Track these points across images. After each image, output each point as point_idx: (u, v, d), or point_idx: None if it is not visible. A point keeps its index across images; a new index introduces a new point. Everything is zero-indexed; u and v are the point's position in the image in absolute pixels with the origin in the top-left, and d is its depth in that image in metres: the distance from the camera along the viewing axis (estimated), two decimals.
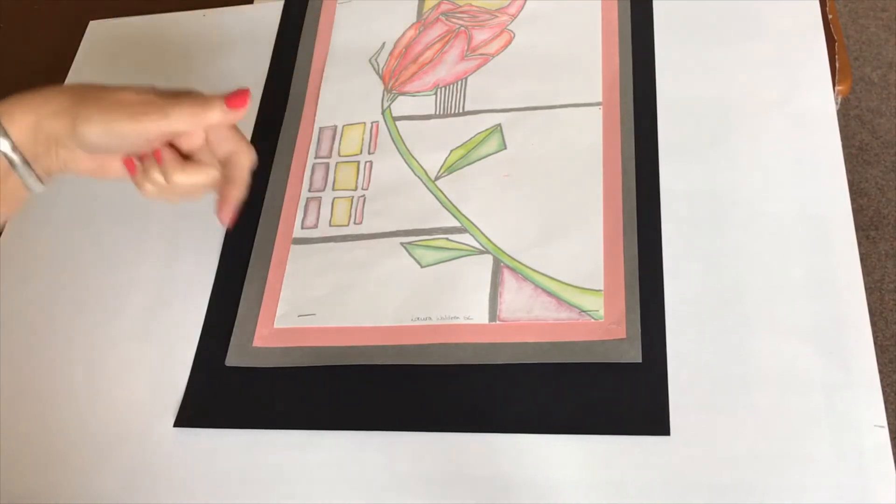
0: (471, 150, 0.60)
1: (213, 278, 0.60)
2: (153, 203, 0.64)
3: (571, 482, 0.47)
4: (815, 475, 0.45)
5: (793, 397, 0.47)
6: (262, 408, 0.54)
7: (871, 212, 1.37)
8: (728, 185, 0.54)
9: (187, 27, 0.74)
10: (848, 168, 0.63)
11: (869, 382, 0.47)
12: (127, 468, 0.54)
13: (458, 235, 0.57)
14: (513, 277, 0.54)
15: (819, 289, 0.50)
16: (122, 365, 0.58)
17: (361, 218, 0.59)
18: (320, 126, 0.64)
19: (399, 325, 0.54)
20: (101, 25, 0.77)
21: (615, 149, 0.57)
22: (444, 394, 0.52)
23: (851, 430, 0.46)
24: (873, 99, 1.47)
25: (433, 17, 0.68)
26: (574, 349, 0.51)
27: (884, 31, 1.54)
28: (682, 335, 0.50)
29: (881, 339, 1.27)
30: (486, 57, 0.64)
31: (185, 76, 0.71)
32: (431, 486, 0.49)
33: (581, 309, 0.52)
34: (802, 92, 0.56)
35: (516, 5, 0.67)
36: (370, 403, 0.53)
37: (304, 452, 0.52)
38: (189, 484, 0.52)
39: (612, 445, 0.48)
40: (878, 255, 1.34)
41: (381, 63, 0.66)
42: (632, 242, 0.53)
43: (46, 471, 0.55)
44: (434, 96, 0.63)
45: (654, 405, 0.48)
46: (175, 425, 0.54)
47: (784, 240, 0.52)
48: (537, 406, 0.50)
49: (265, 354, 0.55)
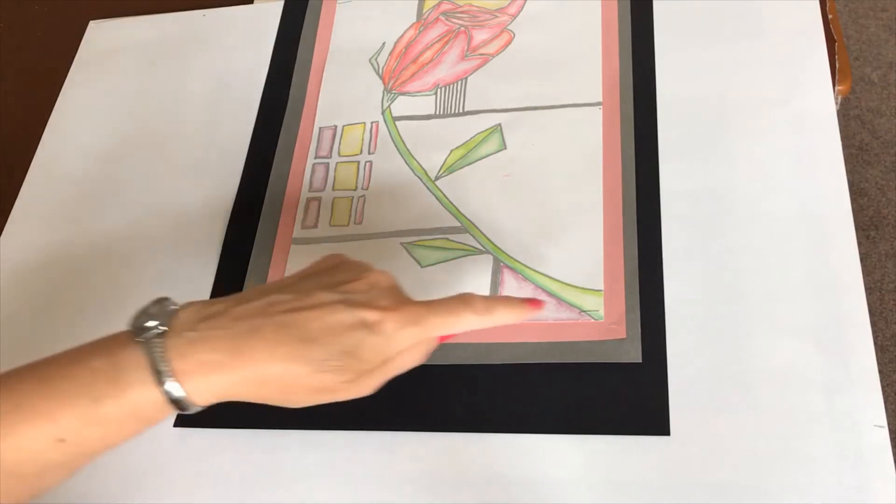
0: (471, 150, 0.60)
1: (213, 278, 0.60)
2: (153, 203, 0.64)
3: (571, 482, 0.47)
4: (815, 475, 0.45)
5: (793, 397, 0.47)
6: (261, 408, 0.54)
7: (871, 212, 1.37)
8: (728, 185, 0.54)
9: (187, 27, 0.74)
10: (848, 168, 0.63)
11: (869, 382, 0.47)
12: (127, 468, 0.54)
13: (458, 235, 0.57)
14: (513, 277, 0.54)
15: (819, 289, 0.50)
16: None
17: (361, 218, 0.59)
18: (320, 126, 0.64)
19: None
20: (101, 25, 0.77)
21: (615, 149, 0.57)
22: (444, 394, 0.52)
23: (851, 430, 0.46)
24: (873, 99, 1.47)
25: (433, 17, 0.68)
26: (574, 349, 0.51)
27: (884, 31, 1.54)
28: (682, 335, 0.50)
29: (881, 339, 1.27)
30: (486, 57, 0.64)
31: (185, 76, 0.71)
32: (431, 486, 0.49)
33: (581, 309, 0.52)
34: (802, 92, 0.56)
35: (516, 5, 0.67)
36: (370, 403, 0.52)
37: (303, 452, 0.52)
38: (189, 484, 0.52)
39: (612, 445, 0.48)
40: (878, 255, 1.34)
41: (381, 63, 0.66)
42: (632, 242, 0.54)
43: None
44: (434, 96, 0.63)
45: (654, 405, 0.48)
46: (175, 425, 0.54)
47: (784, 240, 0.52)
48: (537, 406, 0.50)
49: None
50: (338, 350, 0.41)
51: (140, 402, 0.40)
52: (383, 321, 0.42)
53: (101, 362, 0.41)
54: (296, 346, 0.41)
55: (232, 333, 0.41)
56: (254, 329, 0.41)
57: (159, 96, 0.70)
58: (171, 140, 0.67)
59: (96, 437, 0.41)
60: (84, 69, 0.74)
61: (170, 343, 0.40)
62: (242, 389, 0.41)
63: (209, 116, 0.68)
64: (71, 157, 0.69)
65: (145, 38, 0.74)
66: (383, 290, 0.44)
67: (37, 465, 0.41)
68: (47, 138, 0.71)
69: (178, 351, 0.40)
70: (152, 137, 0.68)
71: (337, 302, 0.42)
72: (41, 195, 0.68)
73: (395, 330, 0.42)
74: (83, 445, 0.41)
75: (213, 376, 0.40)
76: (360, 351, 0.42)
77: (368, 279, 0.44)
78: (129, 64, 0.73)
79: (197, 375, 0.40)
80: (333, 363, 0.41)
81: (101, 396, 0.40)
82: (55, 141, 0.70)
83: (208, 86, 0.70)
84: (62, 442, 0.40)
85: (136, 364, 0.40)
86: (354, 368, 0.42)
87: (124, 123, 0.70)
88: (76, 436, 0.40)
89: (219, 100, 0.68)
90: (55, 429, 0.40)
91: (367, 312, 0.42)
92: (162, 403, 0.40)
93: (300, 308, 0.42)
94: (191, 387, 0.40)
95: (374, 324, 0.42)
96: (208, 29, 0.73)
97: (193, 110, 0.68)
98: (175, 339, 0.41)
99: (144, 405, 0.40)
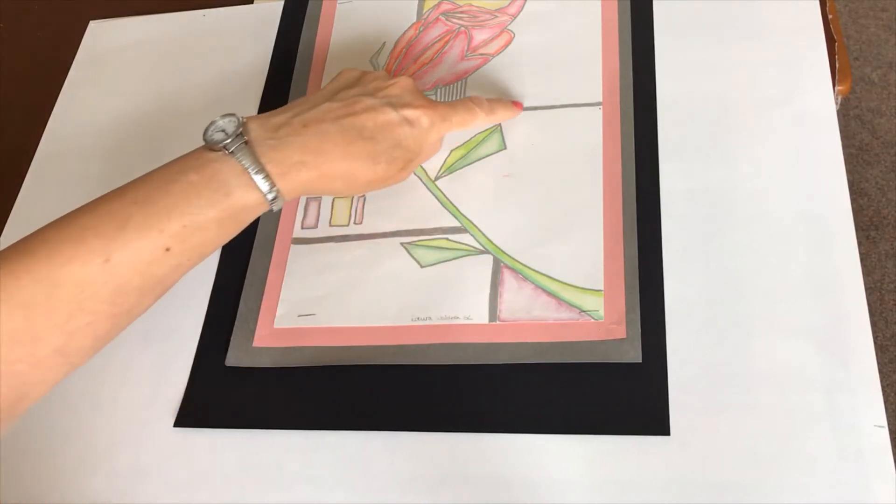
0: (471, 150, 0.60)
1: (213, 278, 0.60)
2: None
3: (571, 482, 0.47)
4: (815, 475, 0.45)
5: (793, 397, 0.47)
6: (261, 408, 0.54)
7: (871, 212, 1.37)
8: (728, 185, 0.54)
9: (187, 27, 0.74)
10: (848, 168, 0.63)
11: (869, 382, 0.47)
12: (127, 468, 0.54)
13: (458, 235, 0.57)
14: (513, 277, 0.54)
15: (819, 289, 0.50)
16: (122, 365, 0.58)
17: (361, 218, 0.59)
18: None
19: (399, 326, 0.54)
20: (101, 25, 0.77)
21: (615, 149, 0.57)
22: (444, 394, 0.52)
23: (851, 430, 0.46)
24: (873, 99, 1.48)
25: (433, 17, 0.68)
26: (574, 349, 0.51)
27: (884, 31, 1.54)
28: (682, 335, 0.50)
29: (881, 339, 1.27)
30: (487, 57, 0.64)
31: (185, 76, 0.71)
32: (431, 486, 0.49)
33: (581, 309, 0.52)
34: (802, 92, 0.56)
35: (516, 5, 0.67)
36: (370, 403, 0.53)
37: (303, 453, 0.52)
38: (189, 484, 0.52)
39: (612, 445, 0.48)
40: (878, 255, 1.34)
41: (381, 63, 0.66)
42: (632, 242, 0.54)
43: (46, 471, 0.55)
44: (434, 96, 0.63)
45: (654, 405, 0.48)
46: (175, 425, 0.55)
47: (784, 240, 0.52)
48: (537, 406, 0.50)
49: (265, 354, 0.55)
50: (391, 144, 0.51)
51: (242, 204, 0.48)
52: (420, 117, 0.53)
53: (197, 176, 0.47)
54: (361, 143, 0.50)
55: (304, 139, 0.49)
56: (322, 133, 0.49)
57: (159, 96, 0.70)
58: (172, 140, 0.67)
59: (199, 243, 0.48)
60: (84, 69, 0.74)
61: (258, 150, 0.48)
62: (318, 184, 0.50)
63: (209, 117, 0.67)
64: (71, 157, 0.69)
65: (145, 38, 0.74)
66: (413, 91, 0.54)
67: (141, 278, 0.46)
68: (47, 138, 0.71)
69: (267, 157, 0.48)
70: (152, 137, 0.68)
71: (383, 105, 0.52)
72: (41, 195, 0.68)
73: (430, 124, 0.53)
74: (185, 253, 0.47)
75: (299, 174, 0.49)
76: (407, 142, 0.52)
77: (399, 84, 0.54)
78: (129, 64, 0.73)
79: (287, 175, 0.48)
80: (390, 154, 0.51)
81: (206, 205, 0.47)
82: (55, 141, 0.70)
83: (208, 86, 0.70)
84: (168, 251, 0.46)
85: (233, 171, 0.47)
86: (403, 157, 0.52)
87: (124, 123, 0.70)
88: (181, 243, 0.47)
89: (219, 100, 0.68)
90: (163, 239, 0.46)
91: (408, 111, 0.52)
92: (261, 201, 0.48)
93: (355, 112, 0.51)
94: (283, 184, 0.48)
95: (414, 120, 0.52)
96: (208, 29, 0.73)
97: (193, 110, 0.68)
98: (259, 146, 0.48)
99: (245, 206, 0.48)
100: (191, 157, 0.49)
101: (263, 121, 0.51)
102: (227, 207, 0.47)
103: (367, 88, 0.53)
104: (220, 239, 0.49)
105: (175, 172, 0.48)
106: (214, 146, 0.48)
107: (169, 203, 0.46)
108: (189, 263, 0.49)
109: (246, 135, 0.49)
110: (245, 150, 0.48)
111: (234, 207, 0.48)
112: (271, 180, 0.48)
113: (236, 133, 0.48)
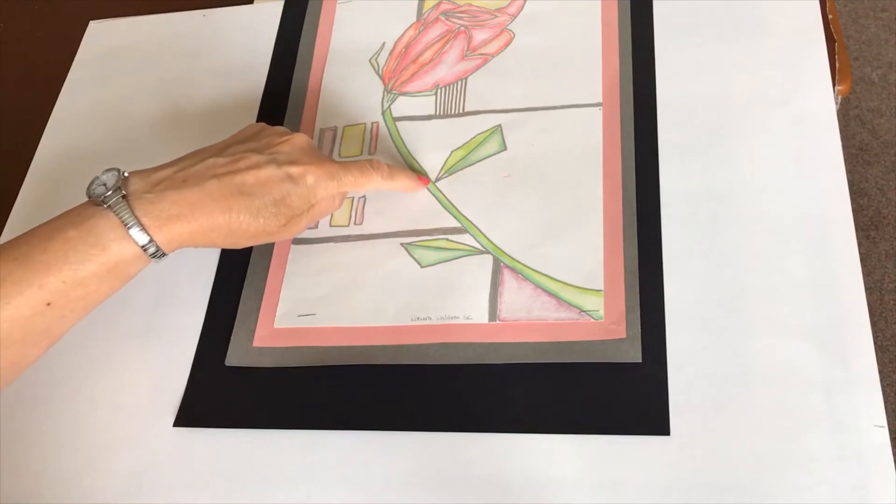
0: (471, 150, 0.60)
1: (213, 278, 0.60)
2: None
3: (571, 482, 0.47)
4: (815, 475, 0.45)
5: (793, 397, 0.47)
6: (262, 408, 0.54)
7: (871, 212, 1.37)
8: (728, 185, 0.54)
9: (187, 27, 0.74)
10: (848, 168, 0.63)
11: (869, 382, 0.47)
12: (127, 468, 0.54)
13: (458, 236, 0.57)
14: (513, 277, 0.54)
15: (819, 289, 0.50)
16: (122, 365, 0.58)
17: (362, 218, 0.59)
18: (321, 128, 0.64)
19: (399, 325, 0.54)
20: (101, 25, 0.77)
21: (615, 149, 0.57)
22: (444, 394, 0.52)
23: (851, 430, 0.46)
24: (873, 99, 1.48)
25: (433, 17, 0.68)
26: (574, 349, 0.51)
27: (884, 31, 1.54)
28: (682, 335, 0.50)
29: (881, 339, 1.27)
30: (486, 57, 0.64)
31: (185, 76, 0.71)
32: (431, 486, 0.49)
33: (581, 309, 0.52)
34: (802, 92, 0.56)
35: (516, 5, 0.67)
36: (370, 403, 0.53)
37: (303, 452, 0.52)
38: (189, 484, 0.52)
39: (612, 445, 0.48)
40: (878, 255, 1.34)
41: (381, 63, 0.66)
42: (632, 242, 0.54)
43: (46, 471, 0.55)
44: (434, 96, 0.63)
45: (654, 405, 0.48)
46: (175, 425, 0.54)
47: (784, 240, 0.52)
48: (537, 406, 0.50)
49: (265, 354, 0.55)
50: (272, 199, 0.51)
51: (118, 258, 0.48)
52: (305, 174, 0.53)
53: (76, 231, 0.48)
54: (239, 199, 0.50)
55: (183, 193, 0.50)
56: (201, 187, 0.50)
57: (159, 96, 0.70)
58: (171, 140, 0.67)
59: (81, 296, 0.48)
60: (84, 69, 0.74)
61: (135, 204, 0.49)
62: (198, 236, 0.50)
63: (209, 117, 0.68)
64: (71, 157, 0.69)
65: (145, 38, 0.74)
66: (304, 149, 0.54)
67: (23, 332, 0.47)
68: (47, 138, 0.71)
69: (142, 210, 0.49)
70: (152, 138, 0.68)
71: (267, 161, 0.52)
72: (41, 195, 0.68)
73: (316, 181, 0.53)
74: (69, 306, 0.48)
75: (175, 226, 0.49)
76: (289, 199, 0.52)
77: (291, 141, 0.54)
78: (129, 64, 0.73)
79: (163, 227, 0.49)
80: (270, 210, 0.51)
81: (83, 259, 0.47)
82: (55, 141, 0.70)
83: (208, 86, 0.70)
84: (49, 306, 0.47)
85: (110, 225, 0.48)
86: (286, 213, 0.52)
87: (124, 123, 0.70)
88: (62, 297, 0.47)
89: (219, 100, 0.68)
90: (42, 294, 0.47)
91: (293, 168, 0.52)
92: (139, 255, 0.49)
93: (237, 169, 0.51)
94: (160, 237, 0.49)
95: (297, 176, 0.52)
96: (208, 29, 0.73)
97: (193, 110, 0.68)
98: (137, 200, 0.49)
99: (121, 259, 0.49)
100: (73, 213, 0.50)
101: (145, 175, 0.51)
102: (104, 262, 0.48)
103: (258, 144, 0.54)
104: (103, 292, 0.49)
105: (55, 229, 0.48)
106: (95, 200, 0.49)
107: (47, 259, 0.47)
108: (74, 316, 0.49)
109: (125, 189, 0.49)
110: (122, 203, 0.48)
111: (112, 261, 0.48)
112: (148, 233, 0.48)
113: (115, 187, 0.49)
